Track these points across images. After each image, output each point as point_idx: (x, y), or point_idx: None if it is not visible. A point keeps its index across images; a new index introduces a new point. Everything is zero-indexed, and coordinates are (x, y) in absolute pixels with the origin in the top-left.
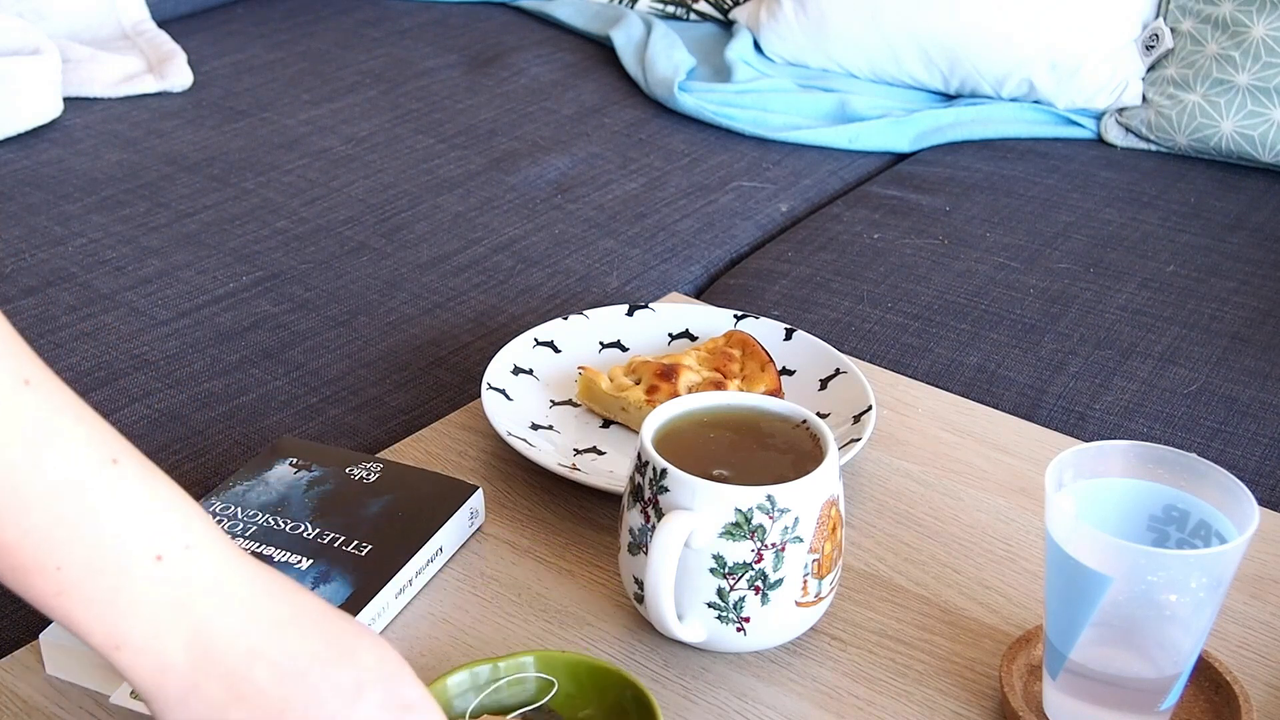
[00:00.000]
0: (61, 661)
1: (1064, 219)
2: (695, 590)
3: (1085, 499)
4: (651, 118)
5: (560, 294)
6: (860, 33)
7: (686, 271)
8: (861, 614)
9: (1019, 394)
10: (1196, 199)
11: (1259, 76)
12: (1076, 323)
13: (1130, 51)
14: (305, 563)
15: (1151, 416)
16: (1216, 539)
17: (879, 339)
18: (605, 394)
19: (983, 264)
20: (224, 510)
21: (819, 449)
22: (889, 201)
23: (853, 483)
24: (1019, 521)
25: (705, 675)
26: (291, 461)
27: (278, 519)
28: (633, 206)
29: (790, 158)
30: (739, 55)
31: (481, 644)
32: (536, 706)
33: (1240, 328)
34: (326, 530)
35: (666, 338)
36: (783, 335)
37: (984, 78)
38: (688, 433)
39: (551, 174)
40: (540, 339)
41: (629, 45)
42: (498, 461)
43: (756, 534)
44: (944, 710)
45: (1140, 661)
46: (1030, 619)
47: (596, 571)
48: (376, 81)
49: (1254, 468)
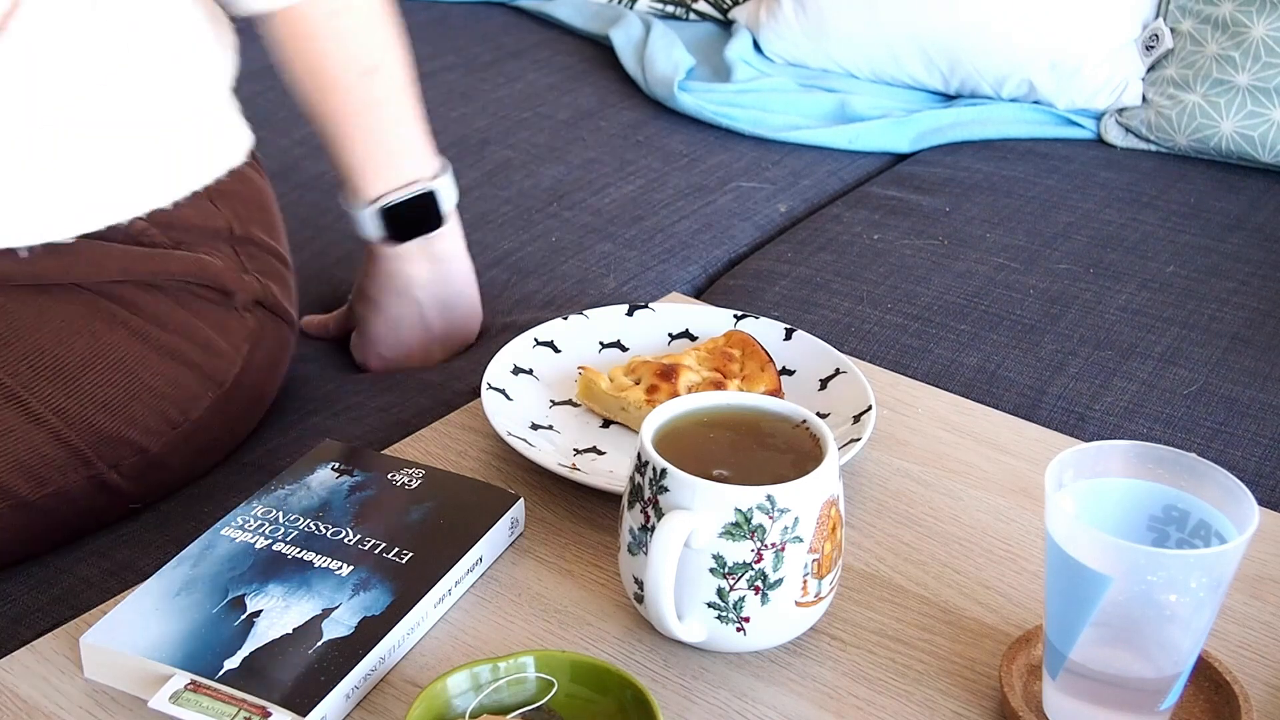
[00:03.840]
0: (100, 665)
1: (1064, 219)
2: (695, 590)
3: (1085, 499)
4: (650, 119)
5: (557, 298)
6: (860, 33)
7: (685, 272)
8: (861, 614)
9: (1019, 394)
10: (1196, 199)
11: (1259, 77)
12: (1076, 323)
13: (1130, 51)
14: (346, 569)
15: (1151, 417)
16: (1216, 539)
17: (879, 339)
18: (605, 394)
19: (983, 265)
20: (265, 514)
21: (819, 449)
22: (889, 202)
23: (853, 483)
24: (1019, 521)
25: (705, 675)
26: (334, 466)
27: (319, 524)
28: (630, 209)
29: (790, 158)
30: (738, 55)
31: (481, 644)
32: (536, 706)
33: (1240, 328)
34: (368, 536)
35: (666, 338)
36: (783, 335)
37: (984, 78)
38: (688, 433)
39: (547, 182)
40: (540, 339)
41: (628, 45)
42: (498, 461)
43: (756, 534)
44: (944, 710)
45: (1140, 661)
46: (1030, 619)
47: (596, 571)
48: None
49: (1254, 468)
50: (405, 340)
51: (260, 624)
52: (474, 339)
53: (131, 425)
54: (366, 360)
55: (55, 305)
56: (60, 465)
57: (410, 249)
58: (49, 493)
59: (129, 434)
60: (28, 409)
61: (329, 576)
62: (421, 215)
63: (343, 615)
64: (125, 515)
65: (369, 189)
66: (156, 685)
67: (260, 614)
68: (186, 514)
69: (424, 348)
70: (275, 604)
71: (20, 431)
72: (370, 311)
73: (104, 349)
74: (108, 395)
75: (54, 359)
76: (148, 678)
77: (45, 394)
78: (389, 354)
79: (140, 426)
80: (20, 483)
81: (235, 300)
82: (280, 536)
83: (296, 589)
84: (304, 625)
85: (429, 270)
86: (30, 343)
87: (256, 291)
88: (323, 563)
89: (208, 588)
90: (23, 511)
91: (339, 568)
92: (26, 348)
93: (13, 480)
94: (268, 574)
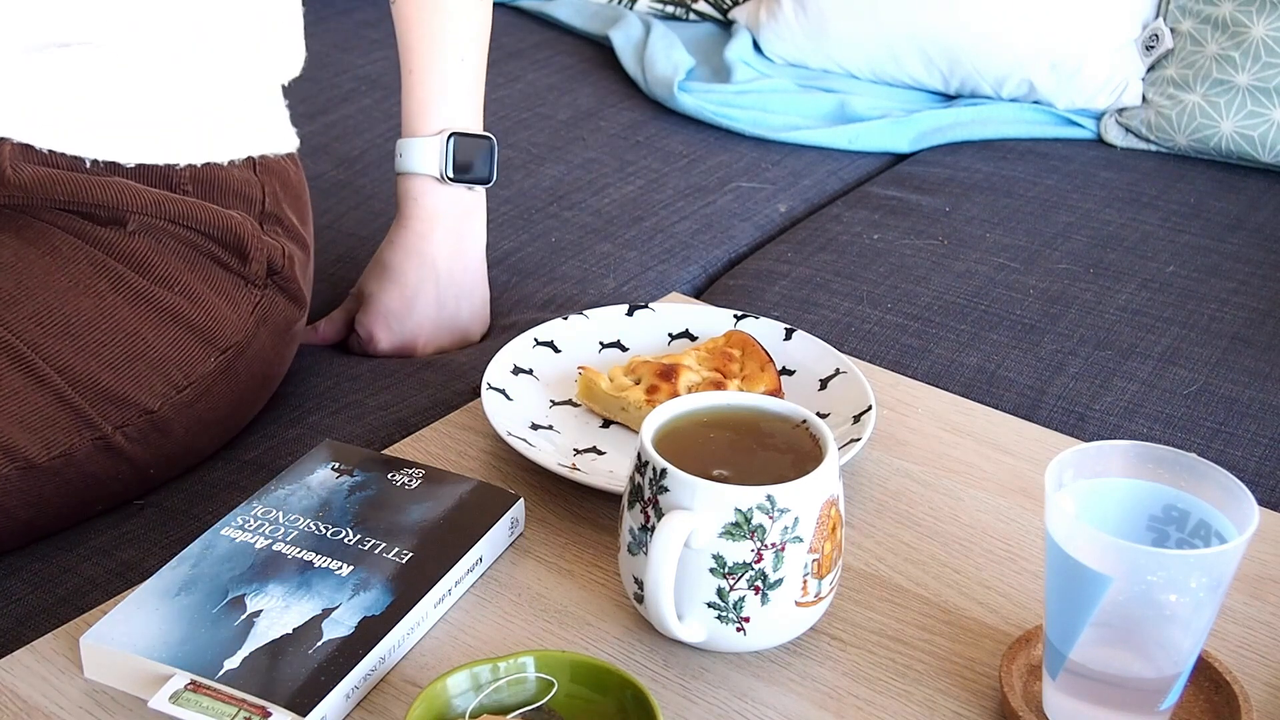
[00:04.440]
0: (100, 665)
1: (1064, 219)
2: (695, 590)
3: (1085, 499)
4: (650, 119)
5: (557, 298)
6: (860, 33)
7: (685, 272)
8: (861, 614)
9: (1019, 394)
10: (1196, 199)
11: (1259, 76)
12: (1076, 323)
13: (1130, 51)
14: (346, 569)
15: (1151, 417)
16: (1216, 539)
17: (879, 339)
18: (605, 394)
19: (983, 264)
20: (265, 514)
21: (819, 449)
22: (889, 202)
23: (853, 483)
24: (1019, 521)
25: (705, 675)
26: (334, 466)
27: (319, 524)
28: (630, 209)
29: (790, 158)
30: (738, 55)
31: (481, 644)
32: (536, 706)
33: (1240, 328)
34: (368, 536)
35: (666, 338)
36: (783, 335)
37: (984, 78)
38: (688, 433)
39: (547, 181)
40: (540, 339)
41: (628, 45)
42: (498, 461)
43: (756, 534)
44: (944, 710)
45: (1140, 661)
46: (1030, 619)
47: (596, 571)
48: (373, 88)
49: (1254, 468)
50: (419, 316)
51: (260, 624)
52: (478, 338)
53: (135, 385)
54: (375, 334)
55: (63, 264)
56: (65, 427)
57: (443, 213)
58: (56, 455)
59: (132, 394)
60: (33, 369)
61: (329, 576)
62: (477, 162)
63: (343, 615)
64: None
65: (439, 119)
66: (156, 685)
67: (260, 614)
68: (187, 514)
69: (434, 328)
70: (275, 604)
71: (25, 392)
72: (387, 282)
73: (109, 308)
74: (112, 355)
75: (62, 316)
76: (148, 678)
77: (52, 351)
78: (400, 329)
79: (144, 387)
80: (27, 443)
81: (249, 268)
82: (280, 536)
83: (296, 589)
84: (304, 625)
85: (453, 247)
86: (39, 301)
87: (274, 258)
88: (323, 563)
89: (208, 588)
90: (31, 475)
91: (339, 568)
92: (35, 306)
93: (20, 440)
94: (268, 574)
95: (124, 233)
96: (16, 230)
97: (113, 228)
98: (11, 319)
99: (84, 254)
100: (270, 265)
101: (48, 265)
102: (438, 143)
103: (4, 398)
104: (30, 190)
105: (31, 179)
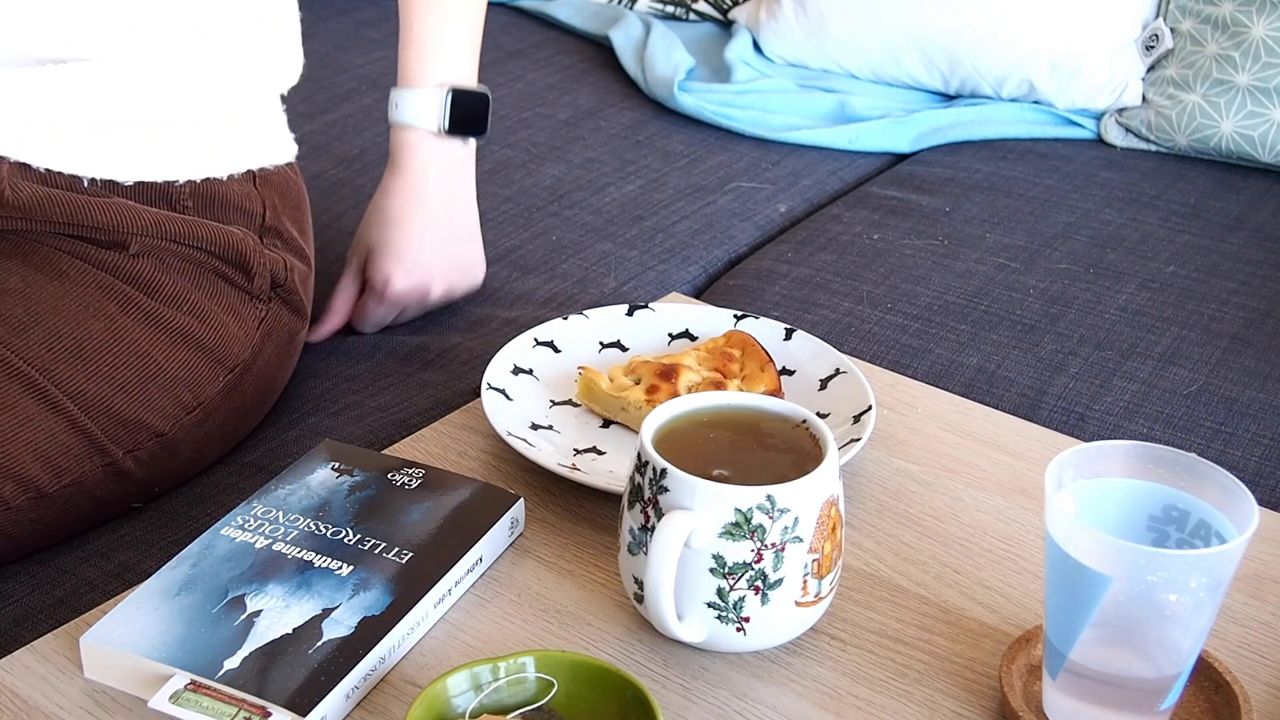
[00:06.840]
0: (100, 665)
1: (1064, 219)
2: (695, 590)
3: (1085, 499)
4: (650, 119)
5: (557, 297)
6: (860, 33)
7: (685, 272)
8: (861, 614)
9: (1019, 394)
10: (1196, 199)
11: (1259, 76)
12: (1076, 323)
13: (1130, 51)
14: (345, 569)
15: (1151, 417)
16: (1216, 539)
17: (879, 339)
18: (605, 394)
19: (983, 264)
20: (265, 514)
21: (819, 449)
22: (889, 202)
23: (853, 483)
24: (1019, 521)
25: (705, 675)
26: (334, 466)
27: (319, 524)
28: (631, 209)
29: (790, 158)
30: (738, 55)
31: (481, 644)
32: (536, 706)
33: (1240, 328)
34: (368, 536)
35: (666, 338)
36: (783, 335)
37: (984, 78)
38: (688, 433)
39: (547, 181)
40: (540, 339)
41: (628, 45)
42: (497, 461)
43: (756, 534)
44: (944, 710)
45: (1140, 661)
46: (1030, 619)
47: (596, 571)
48: (373, 88)
49: (1254, 468)
50: (431, 253)
51: (260, 624)
52: (479, 285)
53: (146, 408)
54: (390, 277)
55: (71, 288)
56: (78, 454)
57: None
58: (67, 483)
59: (144, 417)
60: (46, 397)
61: (329, 576)
62: (474, 115)
63: (343, 615)
64: (127, 510)
65: (439, 72)
66: (156, 685)
67: (260, 614)
68: (187, 514)
69: (446, 264)
70: (275, 604)
71: (39, 420)
72: (391, 227)
73: (119, 330)
74: (124, 378)
75: (73, 342)
76: (148, 678)
77: (64, 377)
78: (414, 268)
79: (155, 409)
80: (40, 473)
81: (253, 283)
82: (280, 536)
83: (296, 589)
84: (304, 625)
85: (449, 192)
86: (49, 326)
87: (276, 271)
88: (323, 563)
89: (208, 588)
90: (40, 503)
91: (339, 568)
92: (45, 332)
93: (33, 470)
94: (268, 574)
95: (126, 255)
96: (22, 256)
97: (115, 250)
98: (22, 345)
99: (91, 277)
100: (274, 279)
101: (56, 290)
102: (437, 96)
103: (18, 426)
104: (29, 211)
105: (30, 199)
